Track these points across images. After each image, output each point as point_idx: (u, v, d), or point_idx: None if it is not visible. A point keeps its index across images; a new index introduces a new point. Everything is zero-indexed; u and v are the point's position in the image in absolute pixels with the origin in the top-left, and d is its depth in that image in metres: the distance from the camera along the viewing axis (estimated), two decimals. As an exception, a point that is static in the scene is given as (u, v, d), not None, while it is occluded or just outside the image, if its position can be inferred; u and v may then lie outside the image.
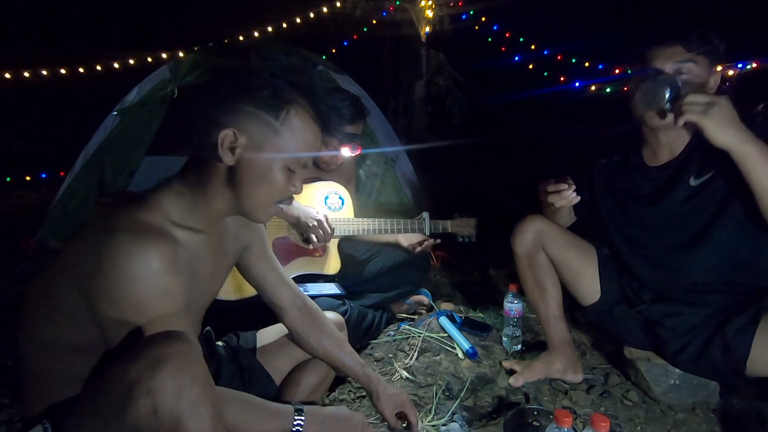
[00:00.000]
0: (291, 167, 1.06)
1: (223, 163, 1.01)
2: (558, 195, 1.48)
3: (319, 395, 1.50)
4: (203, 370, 0.85)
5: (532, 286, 1.71)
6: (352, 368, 1.38)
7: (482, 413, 1.57)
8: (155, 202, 1.01)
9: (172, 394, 0.79)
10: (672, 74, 1.36)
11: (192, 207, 1.05)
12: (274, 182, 1.05)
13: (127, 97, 3.25)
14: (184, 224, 1.03)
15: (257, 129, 1.01)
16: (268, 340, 1.47)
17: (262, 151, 1.02)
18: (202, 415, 0.82)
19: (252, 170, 1.03)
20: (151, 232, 0.94)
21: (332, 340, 1.39)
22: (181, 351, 0.83)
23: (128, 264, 0.89)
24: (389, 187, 3.18)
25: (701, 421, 1.52)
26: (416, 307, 2.34)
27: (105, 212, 0.98)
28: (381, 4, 6.85)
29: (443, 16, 7.06)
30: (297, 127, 1.04)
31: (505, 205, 3.95)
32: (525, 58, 7.68)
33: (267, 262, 1.35)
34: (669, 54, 1.36)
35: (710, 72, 1.38)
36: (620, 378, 1.72)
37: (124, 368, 0.82)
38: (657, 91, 1.33)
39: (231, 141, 0.99)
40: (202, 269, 1.08)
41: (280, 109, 1.02)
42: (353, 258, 2.27)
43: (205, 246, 1.08)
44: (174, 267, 0.94)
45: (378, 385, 1.35)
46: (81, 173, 3.18)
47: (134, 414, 0.79)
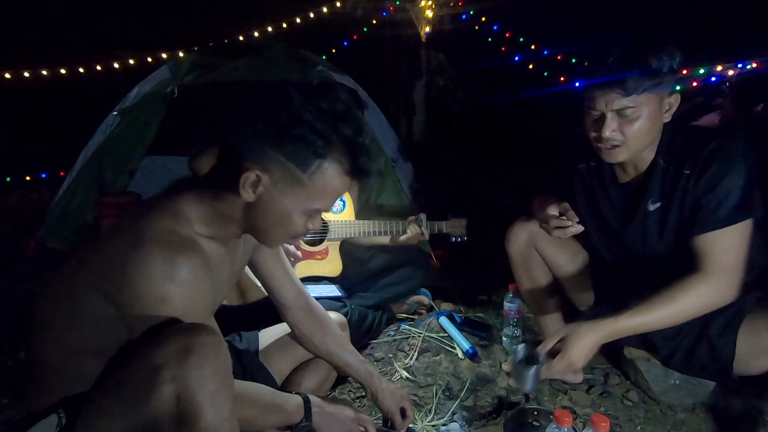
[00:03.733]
0: (311, 213, 1.04)
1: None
2: (562, 231, 1.46)
3: (320, 395, 1.51)
4: (226, 363, 0.87)
5: (527, 287, 1.71)
6: (354, 366, 1.38)
7: (482, 413, 1.57)
8: (181, 211, 1.00)
9: (195, 383, 0.81)
10: (537, 349, 1.34)
11: (212, 218, 1.03)
12: (291, 225, 1.03)
13: (127, 97, 3.26)
14: (205, 234, 1.02)
15: (282, 176, 0.97)
16: (270, 340, 1.48)
17: (284, 196, 0.99)
18: (222, 406, 0.84)
19: (270, 211, 1.01)
20: (181, 243, 0.94)
21: (334, 339, 1.39)
22: (206, 342, 0.85)
23: (160, 276, 0.89)
24: (389, 188, 3.17)
25: (701, 421, 1.52)
26: (416, 307, 2.34)
27: (133, 220, 0.97)
28: (381, 4, 6.84)
29: (443, 16, 7.06)
30: (325, 181, 0.99)
31: (505, 205, 3.95)
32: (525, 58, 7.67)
33: (276, 261, 1.36)
34: (607, 99, 1.30)
35: (662, 100, 1.32)
36: (620, 378, 1.72)
37: (150, 354, 0.83)
38: (521, 376, 1.32)
39: (253, 181, 0.97)
40: (220, 276, 1.08)
41: (310, 163, 0.96)
42: (354, 258, 2.28)
43: (223, 253, 1.08)
44: (202, 277, 0.94)
45: (380, 382, 1.36)
46: (81, 173, 3.17)
47: (157, 399, 0.80)
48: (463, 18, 7.31)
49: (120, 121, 3.16)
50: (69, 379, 0.98)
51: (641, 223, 1.45)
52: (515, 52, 7.68)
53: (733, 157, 1.28)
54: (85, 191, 3.15)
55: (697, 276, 1.29)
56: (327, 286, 2.07)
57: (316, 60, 3.43)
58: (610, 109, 1.31)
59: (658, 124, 1.35)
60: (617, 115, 1.31)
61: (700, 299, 1.29)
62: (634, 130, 1.31)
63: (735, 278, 1.29)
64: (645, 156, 1.42)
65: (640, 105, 1.29)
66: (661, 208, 1.40)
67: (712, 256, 1.29)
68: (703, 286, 1.28)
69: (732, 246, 1.28)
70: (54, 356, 1.00)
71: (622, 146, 1.34)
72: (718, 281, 1.28)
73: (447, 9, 7.05)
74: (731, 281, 1.29)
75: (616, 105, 1.30)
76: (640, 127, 1.31)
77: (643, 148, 1.37)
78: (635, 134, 1.32)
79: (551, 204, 1.50)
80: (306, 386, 1.44)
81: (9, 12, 6.71)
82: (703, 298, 1.28)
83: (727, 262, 1.28)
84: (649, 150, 1.40)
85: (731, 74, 5.16)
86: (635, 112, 1.30)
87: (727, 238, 1.28)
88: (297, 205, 1.00)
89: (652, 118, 1.32)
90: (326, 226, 2.13)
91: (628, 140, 1.32)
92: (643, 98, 1.28)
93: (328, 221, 2.13)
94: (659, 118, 1.34)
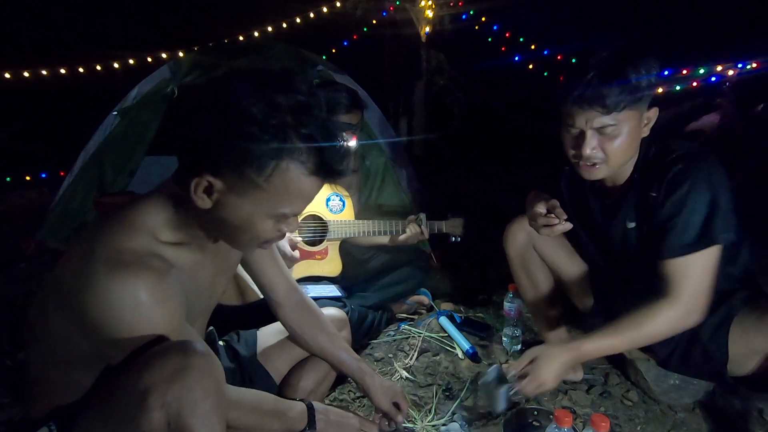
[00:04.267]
0: (278, 217, 0.95)
1: None
2: (549, 229, 1.45)
3: (319, 395, 1.51)
4: (216, 382, 0.85)
5: (526, 287, 1.71)
6: (346, 364, 1.37)
7: (482, 413, 1.57)
8: (140, 223, 0.93)
9: (186, 407, 0.79)
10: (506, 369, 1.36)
11: (178, 225, 0.97)
12: (257, 231, 0.95)
13: (127, 97, 3.25)
14: (173, 241, 0.97)
15: (236, 180, 0.88)
16: (268, 339, 1.47)
17: (243, 201, 0.90)
18: (213, 426, 0.82)
19: (231, 217, 0.93)
20: (134, 262, 0.87)
21: (327, 336, 1.38)
22: (196, 363, 0.82)
23: (111, 300, 0.84)
24: (389, 188, 3.17)
25: (701, 421, 1.52)
26: (416, 307, 2.34)
27: (88, 237, 0.92)
28: (381, 4, 6.85)
29: (443, 16, 7.06)
30: (286, 184, 0.89)
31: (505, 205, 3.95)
32: (525, 58, 7.67)
33: (268, 258, 1.34)
34: (587, 117, 1.28)
35: (641, 115, 1.31)
36: (620, 378, 1.72)
37: (138, 378, 0.81)
38: (491, 396, 1.35)
39: (205, 187, 0.89)
40: (200, 280, 1.04)
41: (264, 166, 0.86)
42: (353, 258, 2.28)
43: (200, 256, 1.03)
44: (162, 294, 0.89)
45: (372, 380, 1.36)
46: (81, 173, 3.17)
47: (147, 425, 0.79)
48: (463, 18, 7.31)
49: (120, 121, 3.17)
50: (58, 388, 0.97)
51: (621, 238, 1.46)
52: (515, 52, 7.68)
53: (697, 182, 1.26)
54: (85, 191, 3.15)
55: (664, 301, 1.29)
56: (327, 286, 2.07)
57: (316, 60, 3.43)
58: (590, 126, 1.29)
59: (637, 139, 1.33)
60: (597, 133, 1.30)
61: (666, 324, 1.29)
62: (615, 147, 1.29)
63: (701, 302, 1.29)
64: (622, 173, 1.41)
65: (620, 122, 1.27)
66: (636, 229, 1.41)
67: (678, 281, 1.28)
68: (669, 311, 1.28)
69: (697, 273, 1.28)
70: (42, 365, 0.98)
71: (603, 164, 1.32)
72: (684, 306, 1.28)
73: (447, 9, 7.05)
74: (697, 305, 1.29)
75: (596, 123, 1.28)
76: (621, 144, 1.29)
77: (622, 165, 1.36)
78: (615, 151, 1.30)
79: (539, 202, 1.50)
80: (304, 385, 1.43)
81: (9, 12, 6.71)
82: (669, 323, 1.29)
83: (692, 287, 1.28)
84: (626, 166, 1.39)
85: (731, 74, 5.16)
86: (615, 130, 1.28)
87: (692, 264, 1.27)
88: (259, 210, 0.92)
89: (631, 135, 1.30)
90: (326, 226, 2.13)
91: (609, 157, 1.31)
92: (623, 115, 1.26)
93: (328, 221, 2.13)
94: (638, 134, 1.33)
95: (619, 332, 1.31)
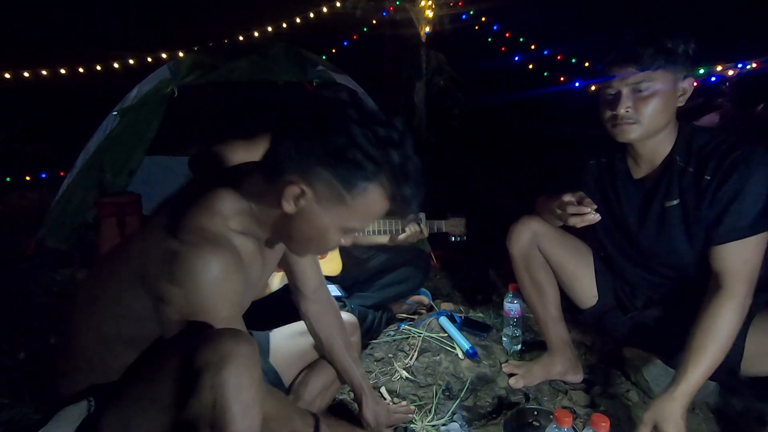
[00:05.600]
0: (347, 231, 1.03)
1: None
2: (580, 218, 1.44)
3: (329, 397, 1.51)
4: (260, 373, 0.87)
5: (529, 287, 1.70)
6: (349, 373, 1.41)
7: (482, 413, 1.57)
8: (216, 207, 1.00)
9: (232, 392, 0.81)
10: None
11: (249, 218, 1.03)
12: (326, 241, 1.03)
13: (127, 97, 3.25)
14: (240, 230, 1.03)
15: (327, 193, 0.96)
16: (280, 341, 1.49)
17: (325, 212, 0.98)
18: (253, 417, 0.84)
19: (308, 225, 1.00)
20: (214, 239, 0.95)
21: (341, 341, 1.42)
22: (245, 351, 0.84)
23: (192, 271, 0.90)
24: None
25: (701, 421, 1.52)
26: (416, 307, 2.34)
27: (171, 213, 0.98)
28: (381, 4, 6.85)
29: (443, 16, 7.07)
30: (367, 203, 0.98)
31: (505, 205, 3.95)
32: (525, 58, 7.67)
33: None
34: (623, 74, 1.33)
35: (676, 82, 1.34)
36: (620, 378, 1.72)
37: (189, 359, 0.83)
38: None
39: (296, 195, 0.96)
40: (253, 272, 1.09)
41: (356, 185, 0.95)
42: (353, 258, 2.28)
43: (256, 250, 1.08)
44: (234, 273, 0.95)
45: (367, 398, 1.40)
46: (81, 173, 3.17)
47: (195, 404, 0.81)
48: (463, 18, 7.32)
49: (120, 121, 3.16)
50: (100, 366, 1.00)
51: (657, 219, 1.46)
52: (515, 52, 7.69)
53: (757, 167, 1.29)
54: (85, 191, 3.15)
55: (723, 296, 1.30)
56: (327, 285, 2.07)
57: (316, 60, 3.43)
58: (626, 84, 1.33)
59: (671, 106, 1.36)
60: (632, 93, 1.34)
61: (736, 317, 1.29)
62: (648, 108, 1.33)
63: (753, 287, 1.31)
64: (660, 150, 1.42)
65: (654, 81, 1.32)
66: (679, 205, 1.41)
67: (735, 267, 1.30)
68: (731, 303, 1.29)
69: (753, 256, 1.30)
70: (88, 344, 1.02)
71: (635, 123, 1.36)
72: (741, 293, 1.30)
73: (447, 9, 7.06)
74: (751, 290, 1.31)
75: (631, 80, 1.33)
76: (655, 106, 1.33)
77: (656, 130, 1.38)
78: (650, 113, 1.33)
79: (566, 193, 1.50)
80: (311, 389, 1.44)
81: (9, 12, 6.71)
82: (736, 315, 1.29)
83: (747, 272, 1.30)
84: (664, 143, 1.41)
85: (731, 74, 5.16)
86: (650, 88, 1.32)
87: (749, 247, 1.30)
88: (335, 222, 1.00)
89: (666, 98, 1.33)
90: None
91: (643, 118, 1.34)
92: (658, 74, 1.31)
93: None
94: (673, 100, 1.36)
95: (704, 353, 1.28)
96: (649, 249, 1.51)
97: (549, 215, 1.58)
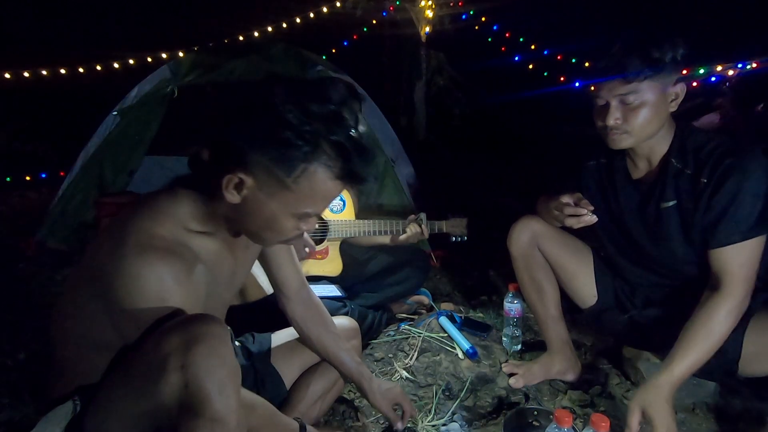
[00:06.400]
0: (301, 216, 1.00)
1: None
2: (576, 219, 1.46)
3: (329, 400, 1.51)
4: (232, 355, 0.87)
5: (529, 287, 1.71)
6: (347, 366, 1.39)
7: (482, 413, 1.57)
8: (171, 211, 0.98)
9: (203, 371, 0.81)
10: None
11: (207, 216, 1.02)
12: (280, 229, 1.01)
13: (127, 97, 3.25)
14: (200, 230, 1.01)
15: (266, 179, 0.93)
16: (281, 343, 1.48)
17: (270, 199, 0.95)
18: (229, 395, 0.83)
19: (257, 214, 0.98)
20: (164, 247, 0.92)
21: (330, 336, 1.40)
22: (214, 332, 0.84)
23: (140, 281, 0.88)
24: (389, 188, 3.17)
25: (701, 421, 1.52)
26: (416, 307, 2.34)
27: (120, 223, 0.95)
28: (381, 4, 6.85)
29: (443, 16, 7.07)
30: (312, 186, 0.94)
31: (505, 205, 3.95)
32: (525, 58, 7.67)
33: (286, 253, 1.36)
34: (609, 87, 1.33)
35: (665, 88, 1.33)
36: (620, 378, 1.72)
37: (158, 343, 0.83)
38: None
39: (236, 183, 0.94)
40: (221, 271, 1.07)
41: (293, 168, 0.92)
42: (353, 258, 2.28)
43: (223, 247, 1.07)
44: (187, 281, 0.93)
45: (371, 384, 1.37)
46: (81, 173, 3.17)
47: (165, 386, 0.80)
48: (463, 18, 7.32)
49: (120, 121, 3.16)
50: (84, 370, 0.99)
51: (655, 220, 1.46)
52: (515, 52, 7.69)
53: (753, 171, 1.29)
54: (85, 191, 3.15)
55: (720, 296, 1.31)
56: (327, 286, 2.07)
57: (316, 60, 3.43)
58: (614, 95, 1.33)
59: (662, 113, 1.36)
60: (620, 104, 1.34)
61: (731, 317, 1.30)
62: (638, 118, 1.33)
63: (750, 288, 1.32)
64: (657, 150, 1.42)
65: (642, 92, 1.31)
66: (676, 206, 1.41)
67: (732, 270, 1.31)
68: (728, 303, 1.30)
69: (750, 259, 1.31)
70: (69, 350, 1.01)
71: (626, 133, 1.36)
72: (739, 295, 1.31)
73: (447, 9, 7.06)
74: (749, 291, 1.32)
75: (618, 91, 1.32)
76: (644, 116, 1.33)
77: (648, 137, 1.38)
78: (638, 122, 1.33)
79: (563, 194, 1.51)
80: (313, 390, 1.44)
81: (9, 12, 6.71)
82: (732, 315, 1.30)
83: (744, 275, 1.31)
84: (661, 143, 1.41)
85: (731, 74, 5.16)
86: (637, 99, 1.32)
87: (746, 251, 1.30)
88: (284, 209, 0.97)
89: (655, 106, 1.33)
90: (326, 225, 2.13)
91: (632, 128, 1.34)
92: (645, 85, 1.30)
93: (328, 221, 2.13)
94: (664, 107, 1.35)
95: (694, 348, 1.30)
96: (647, 249, 1.52)
97: (548, 216, 1.58)
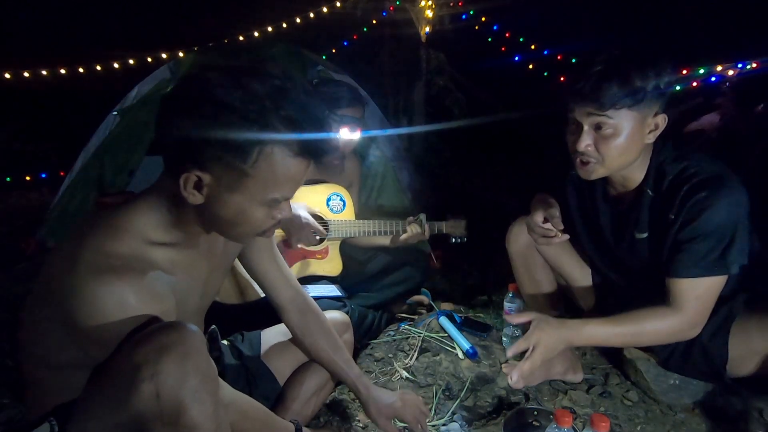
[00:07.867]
0: (270, 203, 0.96)
1: None
2: (546, 239, 1.46)
3: (323, 396, 1.51)
4: (206, 361, 0.85)
5: (528, 287, 1.71)
6: (343, 374, 1.37)
7: (482, 413, 1.57)
8: (129, 225, 0.93)
9: (175, 380, 0.79)
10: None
11: (170, 224, 0.98)
12: (251, 221, 0.96)
13: (127, 97, 3.25)
14: (163, 241, 0.96)
15: (224, 172, 0.89)
16: (272, 340, 1.48)
17: (233, 192, 0.91)
18: (205, 402, 0.82)
19: (224, 210, 0.93)
20: (121, 266, 0.87)
21: (328, 343, 1.38)
22: (184, 339, 0.82)
23: (99, 305, 0.84)
24: (389, 189, 3.17)
25: (701, 421, 1.52)
26: (416, 307, 2.34)
27: (74, 241, 0.90)
28: (381, 4, 6.84)
29: (443, 16, 7.05)
30: (273, 168, 0.90)
31: (505, 205, 3.95)
32: (525, 58, 7.67)
33: (268, 256, 1.33)
34: (583, 112, 1.25)
35: (644, 119, 1.25)
36: (620, 378, 1.72)
37: (129, 354, 0.82)
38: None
39: (194, 182, 0.90)
40: (193, 279, 1.04)
41: (248, 152, 0.87)
42: (353, 258, 2.28)
43: (192, 255, 1.03)
44: (150, 296, 0.89)
45: (369, 393, 1.34)
46: (81, 173, 3.17)
47: (137, 397, 0.79)
48: (463, 18, 7.31)
49: (120, 121, 3.16)
50: (57, 389, 0.97)
51: (629, 248, 1.45)
52: (515, 52, 7.69)
53: (722, 208, 1.23)
54: (85, 191, 3.15)
55: (669, 310, 1.31)
56: (327, 286, 2.07)
57: (316, 60, 3.43)
58: (586, 122, 1.25)
59: (637, 144, 1.28)
60: (594, 129, 1.26)
61: (668, 330, 1.31)
62: (610, 149, 1.25)
63: (703, 319, 1.31)
64: (631, 178, 1.37)
65: (618, 122, 1.22)
66: (648, 239, 1.39)
67: (685, 300, 1.30)
68: (672, 320, 1.30)
69: (704, 294, 1.29)
70: (40, 371, 0.98)
71: (597, 163, 1.28)
72: (688, 321, 1.30)
73: (447, 9, 7.05)
74: (700, 321, 1.31)
75: (591, 119, 1.24)
76: (617, 146, 1.24)
77: (620, 168, 1.32)
78: (610, 152, 1.25)
79: (538, 210, 1.48)
80: (307, 388, 1.43)
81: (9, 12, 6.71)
82: (670, 330, 1.31)
83: (697, 307, 1.29)
84: (635, 172, 1.36)
85: (731, 74, 5.16)
86: (610, 129, 1.23)
87: (702, 286, 1.28)
88: (250, 199, 0.92)
89: (631, 138, 1.24)
90: (326, 225, 2.13)
91: (604, 158, 1.27)
92: (621, 115, 1.22)
93: (329, 221, 2.13)
94: (640, 139, 1.27)
95: (620, 324, 1.31)
96: (627, 263, 1.51)
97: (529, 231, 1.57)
